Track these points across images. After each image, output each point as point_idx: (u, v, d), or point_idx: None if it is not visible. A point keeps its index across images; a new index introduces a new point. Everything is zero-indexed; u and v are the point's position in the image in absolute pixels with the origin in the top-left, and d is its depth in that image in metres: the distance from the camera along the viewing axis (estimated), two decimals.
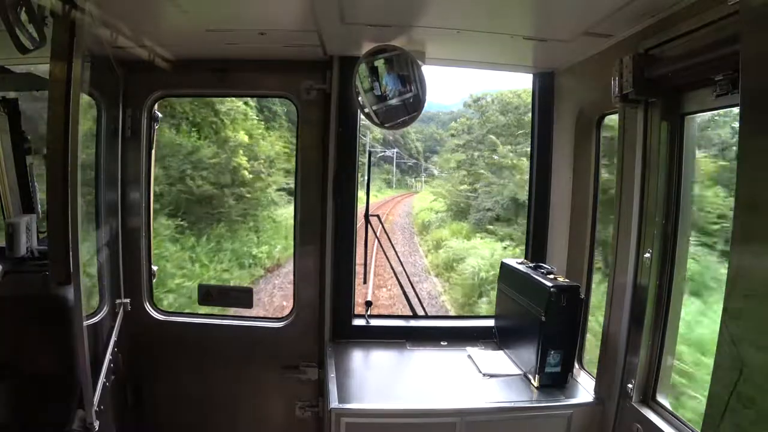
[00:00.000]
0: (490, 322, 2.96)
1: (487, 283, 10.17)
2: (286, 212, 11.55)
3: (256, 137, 11.98)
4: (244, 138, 11.57)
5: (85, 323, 1.88)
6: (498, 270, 2.91)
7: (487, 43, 2.54)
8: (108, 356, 2.51)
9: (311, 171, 2.92)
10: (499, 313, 2.91)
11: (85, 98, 2.38)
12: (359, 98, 2.64)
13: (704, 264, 3.37)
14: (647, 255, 2.05)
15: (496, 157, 15.16)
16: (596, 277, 2.77)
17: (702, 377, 2.81)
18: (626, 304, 2.15)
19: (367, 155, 3.15)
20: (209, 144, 11.05)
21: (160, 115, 2.99)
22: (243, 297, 3.14)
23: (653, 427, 1.97)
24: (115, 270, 2.90)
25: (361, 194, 2.98)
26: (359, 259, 3.02)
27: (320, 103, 2.88)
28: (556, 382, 2.40)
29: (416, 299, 3.13)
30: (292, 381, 3.01)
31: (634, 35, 2.08)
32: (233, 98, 10.96)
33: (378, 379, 2.59)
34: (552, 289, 2.32)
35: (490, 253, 11.72)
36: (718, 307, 1.14)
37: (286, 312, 3.12)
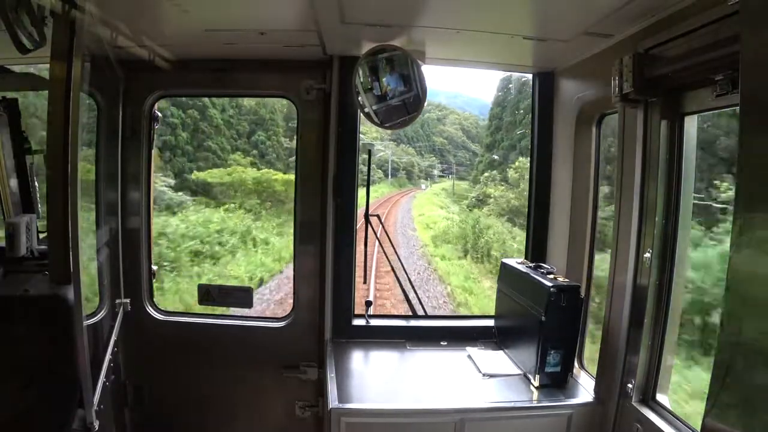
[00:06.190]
0: (490, 322, 2.96)
1: None
2: None
3: None
4: None
5: (85, 323, 1.88)
6: None
7: (487, 43, 2.54)
8: (108, 356, 2.51)
9: (311, 171, 2.92)
10: (499, 313, 2.91)
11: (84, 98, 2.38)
12: (359, 98, 2.63)
13: None
14: (647, 255, 2.05)
15: None
16: None
17: None
18: (626, 304, 2.15)
19: (367, 154, 3.13)
20: None
21: (159, 114, 2.99)
22: (243, 297, 3.14)
23: (653, 427, 1.97)
24: (115, 270, 2.90)
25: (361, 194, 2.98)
26: (359, 258, 3.02)
27: (320, 103, 2.88)
28: (556, 381, 2.40)
29: (416, 299, 3.13)
30: (292, 381, 3.01)
31: (634, 35, 2.08)
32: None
33: (378, 379, 2.59)
34: (552, 289, 2.32)
35: None
36: None
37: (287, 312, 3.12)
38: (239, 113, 15.78)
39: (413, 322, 3.04)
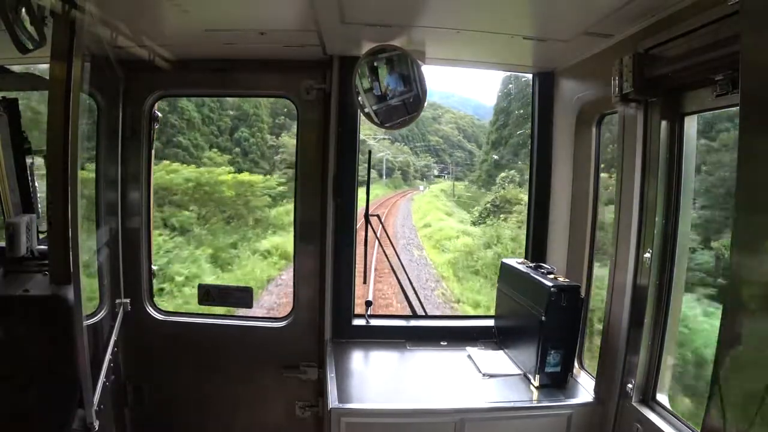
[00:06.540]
0: (490, 322, 2.96)
1: None
2: None
3: None
4: None
5: (85, 323, 1.88)
6: None
7: (486, 43, 2.54)
8: (108, 356, 2.51)
9: (311, 171, 2.92)
10: (499, 313, 2.91)
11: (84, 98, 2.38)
12: (359, 98, 2.64)
13: None
14: (647, 255, 2.05)
15: None
16: None
17: None
18: (626, 304, 2.15)
19: (367, 154, 3.13)
20: None
21: (159, 114, 2.99)
22: (243, 297, 3.14)
23: (653, 427, 1.97)
24: (115, 270, 2.90)
25: (361, 194, 2.98)
26: (359, 258, 3.02)
27: (320, 103, 2.88)
28: (556, 382, 2.40)
29: (416, 299, 3.13)
30: (292, 381, 3.01)
31: (634, 35, 2.08)
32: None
33: (378, 379, 2.59)
34: (552, 289, 2.32)
35: None
36: None
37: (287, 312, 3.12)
38: (220, 108, 14.12)
39: (413, 322, 3.04)
